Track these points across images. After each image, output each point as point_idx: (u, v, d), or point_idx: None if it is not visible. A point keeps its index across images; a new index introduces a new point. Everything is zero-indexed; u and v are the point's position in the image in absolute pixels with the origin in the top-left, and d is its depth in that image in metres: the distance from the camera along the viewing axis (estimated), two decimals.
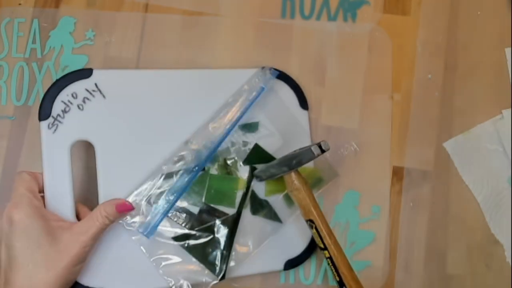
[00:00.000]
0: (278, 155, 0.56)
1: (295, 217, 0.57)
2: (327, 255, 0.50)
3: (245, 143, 0.57)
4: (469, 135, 0.61)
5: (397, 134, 0.60)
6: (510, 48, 0.62)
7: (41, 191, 0.49)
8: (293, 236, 0.57)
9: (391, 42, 0.62)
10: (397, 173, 0.60)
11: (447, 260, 0.59)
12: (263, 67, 0.58)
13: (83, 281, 0.49)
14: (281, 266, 0.56)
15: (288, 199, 0.57)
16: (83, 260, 0.46)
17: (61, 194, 0.50)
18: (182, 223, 0.53)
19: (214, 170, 0.55)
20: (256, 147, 0.57)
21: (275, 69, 0.58)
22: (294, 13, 0.62)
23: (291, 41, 0.61)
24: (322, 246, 0.51)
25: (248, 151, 0.56)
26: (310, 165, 0.57)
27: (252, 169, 0.56)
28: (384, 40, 0.62)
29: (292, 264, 0.56)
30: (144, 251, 0.51)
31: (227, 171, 0.55)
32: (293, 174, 0.51)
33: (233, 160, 0.56)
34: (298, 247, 0.57)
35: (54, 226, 0.45)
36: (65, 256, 0.43)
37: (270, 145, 0.57)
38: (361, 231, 0.58)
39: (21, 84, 0.58)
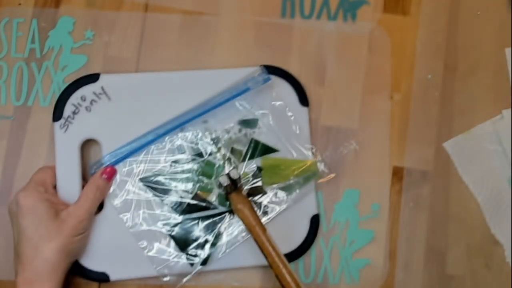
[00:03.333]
0: (279, 150, 0.58)
1: (291, 212, 0.57)
2: (274, 273, 0.49)
3: (245, 136, 0.58)
4: (469, 135, 0.61)
5: (397, 134, 0.60)
6: (510, 48, 0.62)
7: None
8: (288, 231, 0.57)
9: (391, 42, 0.62)
10: (397, 173, 0.60)
11: (447, 260, 0.59)
12: (262, 66, 0.58)
13: (87, 264, 0.54)
14: None
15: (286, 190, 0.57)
16: (81, 231, 0.52)
17: (71, 187, 0.55)
18: (172, 207, 0.56)
19: (217, 159, 0.57)
20: (255, 142, 0.57)
21: (272, 73, 0.58)
22: (294, 13, 0.61)
23: (291, 41, 0.61)
24: (268, 264, 0.50)
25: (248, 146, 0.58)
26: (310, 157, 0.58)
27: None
28: (384, 40, 0.62)
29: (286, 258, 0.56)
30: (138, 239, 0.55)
31: (230, 162, 0.57)
32: (233, 195, 0.52)
33: (239, 150, 0.57)
34: (292, 242, 0.57)
35: (55, 206, 0.51)
36: (64, 229, 0.50)
37: (269, 142, 0.58)
38: (361, 229, 0.58)
39: (20, 84, 0.59)
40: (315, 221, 0.57)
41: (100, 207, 0.55)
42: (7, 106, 0.58)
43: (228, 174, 0.50)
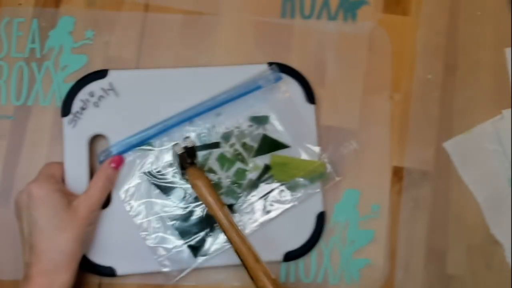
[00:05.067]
0: (289, 146, 0.58)
1: (297, 210, 0.57)
2: (233, 248, 0.50)
3: (256, 132, 0.58)
4: (469, 135, 0.61)
5: (397, 134, 0.60)
6: (510, 48, 0.62)
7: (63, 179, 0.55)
8: (294, 228, 0.57)
9: (391, 42, 0.62)
10: (397, 173, 0.60)
11: (447, 260, 0.59)
12: (270, 63, 0.59)
13: (94, 259, 0.55)
14: (280, 257, 0.56)
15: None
16: (92, 222, 0.53)
17: (79, 183, 0.55)
18: (177, 199, 0.56)
19: (227, 150, 0.58)
20: (265, 138, 0.58)
21: (280, 71, 0.58)
22: (294, 13, 0.61)
23: (291, 41, 0.61)
24: (227, 240, 0.51)
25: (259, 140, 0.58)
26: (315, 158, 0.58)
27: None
28: (384, 40, 0.62)
29: (292, 256, 0.57)
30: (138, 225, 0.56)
31: (240, 157, 0.58)
32: (190, 170, 0.52)
33: (248, 145, 0.58)
34: (299, 239, 0.57)
35: (67, 197, 0.51)
36: (77, 219, 0.50)
37: (279, 139, 0.58)
38: (361, 230, 0.58)
39: (20, 84, 0.59)
40: (321, 218, 0.57)
41: (107, 202, 0.55)
42: (7, 106, 0.58)
43: (183, 143, 0.50)
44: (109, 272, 0.55)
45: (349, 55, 0.61)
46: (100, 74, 0.57)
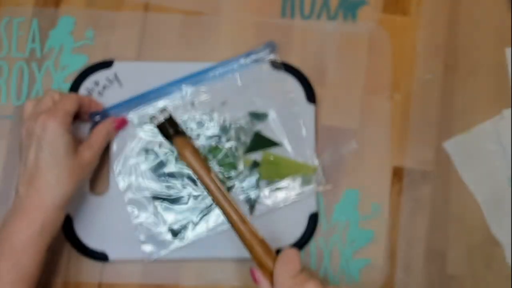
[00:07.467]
0: (281, 145, 0.59)
1: (290, 209, 0.57)
2: (221, 211, 0.50)
3: (252, 128, 0.59)
4: (469, 135, 0.61)
5: (397, 134, 0.60)
6: (510, 48, 0.62)
7: (81, 115, 0.55)
8: (285, 227, 0.57)
9: (391, 42, 0.62)
10: (397, 173, 0.60)
11: (447, 260, 0.59)
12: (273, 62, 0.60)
13: (88, 243, 0.56)
14: None
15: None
16: (92, 170, 0.54)
17: None
18: (167, 185, 0.57)
19: (222, 143, 0.58)
20: (257, 135, 0.58)
21: (276, 67, 0.59)
22: (294, 13, 0.62)
23: (291, 41, 0.61)
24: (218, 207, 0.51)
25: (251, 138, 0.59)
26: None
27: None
28: (384, 40, 0.62)
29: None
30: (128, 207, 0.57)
31: (233, 150, 0.58)
32: (177, 140, 0.53)
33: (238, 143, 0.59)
34: (289, 239, 0.57)
35: (76, 141, 0.52)
36: (81, 166, 0.51)
37: (274, 138, 0.58)
38: (361, 230, 0.58)
39: (20, 84, 0.59)
40: (313, 219, 0.57)
41: (105, 189, 0.57)
42: (7, 106, 0.58)
43: (160, 115, 0.53)
44: (101, 257, 0.56)
45: (349, 55, 0.61)
46: (106, 64, 0.59)
